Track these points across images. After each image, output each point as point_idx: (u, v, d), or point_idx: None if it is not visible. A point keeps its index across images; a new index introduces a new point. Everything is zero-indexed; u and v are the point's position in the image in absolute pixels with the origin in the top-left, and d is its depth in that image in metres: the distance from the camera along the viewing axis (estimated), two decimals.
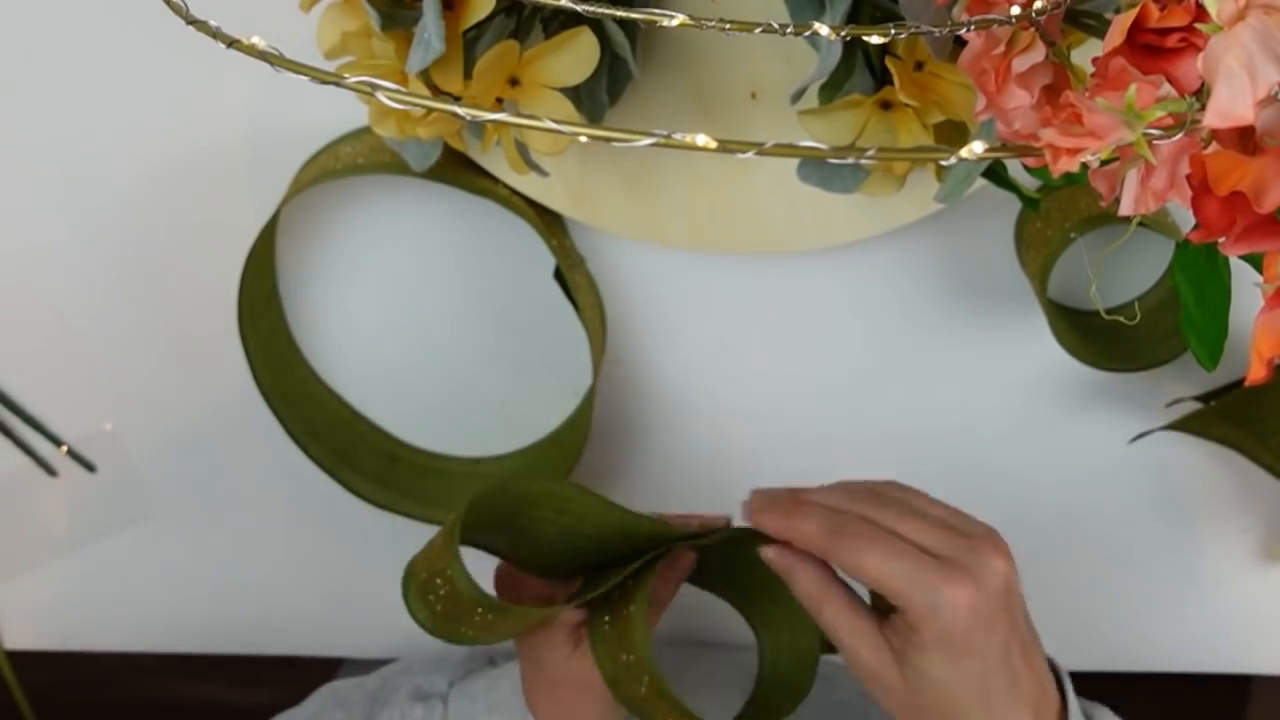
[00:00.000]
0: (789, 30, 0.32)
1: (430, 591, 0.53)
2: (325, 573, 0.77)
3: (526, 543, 0.57)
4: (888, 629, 0.49)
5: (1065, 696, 0.51)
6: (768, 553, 0.52)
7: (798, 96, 0.50)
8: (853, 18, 0.47)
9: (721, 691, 0.68)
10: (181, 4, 0.32)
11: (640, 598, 0.55)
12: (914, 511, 0.50)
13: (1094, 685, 0.82)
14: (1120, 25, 0.31)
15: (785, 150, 0.28)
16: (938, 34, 0.34)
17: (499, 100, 0.50)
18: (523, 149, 0.53)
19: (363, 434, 0.72)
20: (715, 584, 0.63)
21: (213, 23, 0.31)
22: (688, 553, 0.59)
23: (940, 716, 0.48)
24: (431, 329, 0.70)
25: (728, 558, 0.60)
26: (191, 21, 0.31)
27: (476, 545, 0.57)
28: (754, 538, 0.53)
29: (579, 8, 0.32)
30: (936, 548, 0.48)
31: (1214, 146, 0.31)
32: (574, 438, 0.68)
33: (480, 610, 0.52)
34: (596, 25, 0.50)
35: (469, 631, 0.54)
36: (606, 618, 0.56)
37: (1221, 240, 0.31)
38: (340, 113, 0.62)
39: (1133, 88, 0.30)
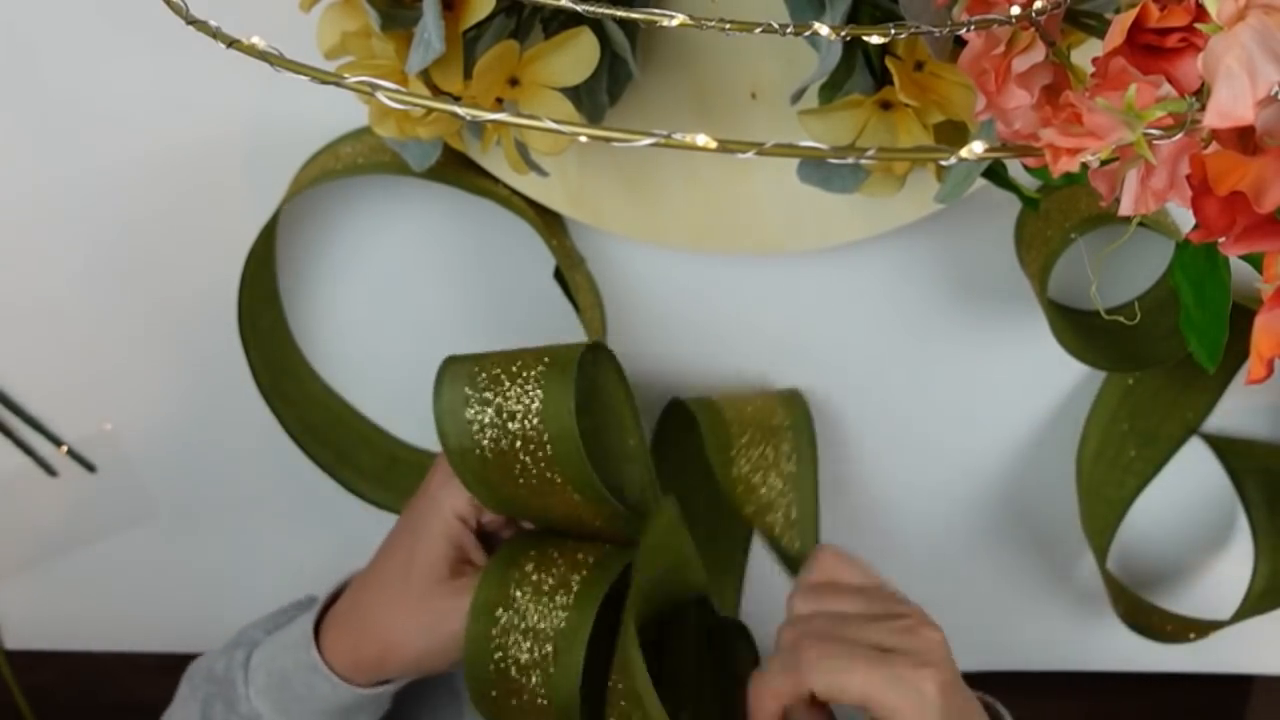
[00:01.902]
0: (789, 30, 0.32)
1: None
2: (325, 573, 0.77)
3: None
4: None
5: None
6: None
7: (798, 96, 0.50)
8: (853, 18, 0.47)
9: None
10: (181, 4, 0.32)
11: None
12: (854, 612, 0.54)
13: (1095, 684, 0.82)
14: (1120, 25, 0.31)
15: (785, 150, 0.28)
16: (938, 34, 0.34)
17: (499, 100, 0.50)
18: (523, 149, 0.53)
19: (362, 433, 0.72)
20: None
21: (213, 23, 0.31)
22: None
23: None
24: (431, 329, 0.70)
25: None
26: (191, 21, 0.31)
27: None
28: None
29: (579, 8, 0.32)
30: (892, 643, 0.52)
31: (1214, 146, 0.31)
32: None
33: None
34: (596, 25, 0.50)
35: None
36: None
37: (1221, 240, 0.31)
38: (340, 113, 0.62)
39: (1133, 88, 0.30)
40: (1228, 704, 1.09)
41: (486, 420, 0.52)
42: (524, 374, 0.52)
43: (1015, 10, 0.34)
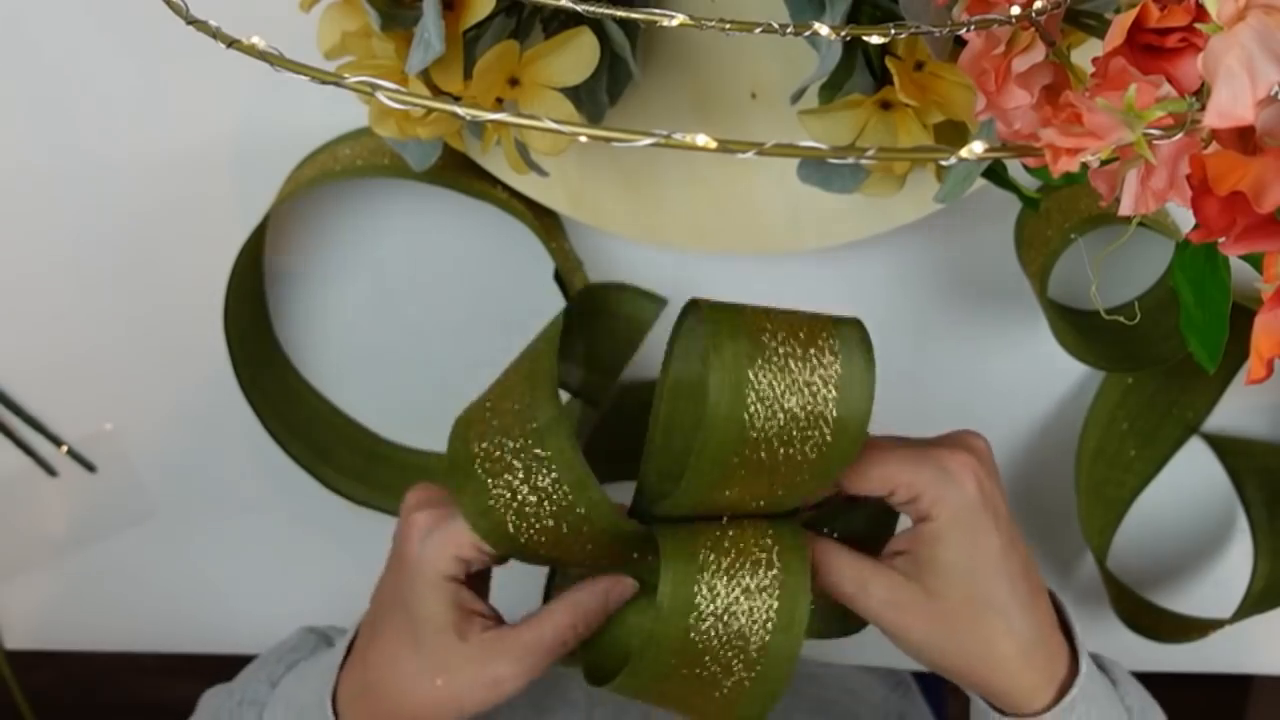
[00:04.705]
0: (789, 30, 0.32)
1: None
2: (326, 573, 0.77)
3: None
4: (888, 555, 0.50)
5: (1061, 612, 0.51)
6: None
7: (798, 96, 0.50)
8: (853, 18, 0.47)
9: None
10: (181, 4, 0.32)
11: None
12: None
13: None
14: (1120, 25, 0.31)
15: (785, 150, 0.28)
16: (938, 34, 0.34)
17: (499, 100, 0.50)
18: (523, 149, 0.53)
19: (341, 430, 0.72)
20: None
21: (213, 23, 0.31)
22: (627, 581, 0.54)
23: (971, 615, 0.48)
24: (429, 331, 0.70)
25: None
26: (191, 21, 0.31)
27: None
28: None
29: (579, 8, 0.32)
30: (922, 444, 0.50)
31: (1214, 146, 0.31)
32: None
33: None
34: (596, 25, 0.50)
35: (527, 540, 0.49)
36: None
37: (1221, 240, 0.31)
38: (339, 114, 0.62)
39: (1133, 88, 0.30)
40: (1228, 704, 1.09)
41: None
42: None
43: (1015, 10, 0.34)
